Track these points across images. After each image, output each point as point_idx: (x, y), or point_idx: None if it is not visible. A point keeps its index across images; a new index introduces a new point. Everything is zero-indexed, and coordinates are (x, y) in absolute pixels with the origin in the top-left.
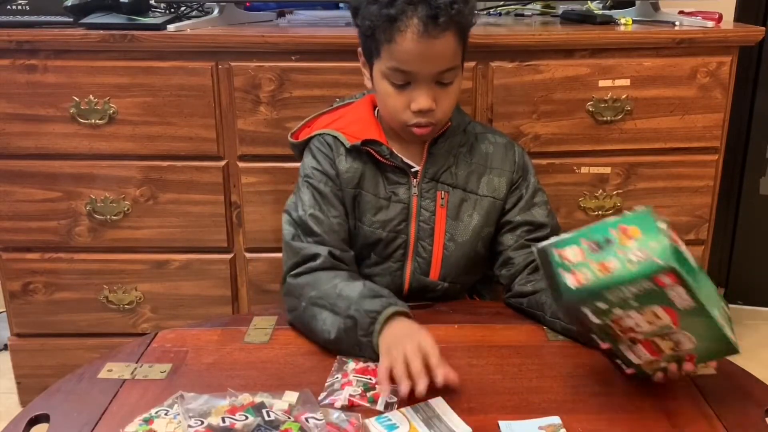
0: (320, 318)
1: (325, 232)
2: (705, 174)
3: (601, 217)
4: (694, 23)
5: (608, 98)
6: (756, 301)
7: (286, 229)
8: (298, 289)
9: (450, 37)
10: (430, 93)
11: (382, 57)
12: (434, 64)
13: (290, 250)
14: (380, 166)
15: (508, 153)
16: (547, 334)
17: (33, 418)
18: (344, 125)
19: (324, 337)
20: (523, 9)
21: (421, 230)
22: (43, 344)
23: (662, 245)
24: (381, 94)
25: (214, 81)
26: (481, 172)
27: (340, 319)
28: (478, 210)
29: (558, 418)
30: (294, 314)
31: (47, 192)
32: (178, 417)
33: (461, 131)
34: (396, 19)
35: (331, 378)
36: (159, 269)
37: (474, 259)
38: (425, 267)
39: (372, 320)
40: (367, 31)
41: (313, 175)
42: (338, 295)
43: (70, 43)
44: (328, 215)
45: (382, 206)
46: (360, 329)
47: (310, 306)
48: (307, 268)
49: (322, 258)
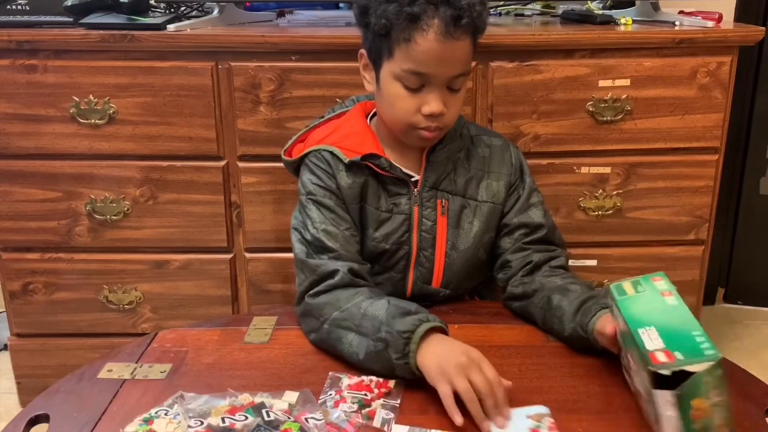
0: (346, 341)
1: (341, 246)
2: (705, 174)
3: (601, 217)
4: (694, 23)
5: (608, 98)
6: (756, 301)
7: (297, 248)
8: (317, 309)
9: (467, 41)
10: (442, 97)
11: (395, 58)
12: (451, 67)
13: (306, 268)
14: (380, 179)
15: (504, 155)
16: (547, 334)
17: (33, 418)
18: (340, 139)
19: (353, 359)
20: (523, 9)
21: (423, 240)
22: (43, 344)
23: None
24: (389, 96)
25: (214, 81)
26: (480, 177)
27: (369, 340)
28: (478, 216)
29: (546, 408)
30: (315, 336)
31: (47, 192)
32: (178, 417)
33: (458, 136)
34: (418, 18)
35: (323, 395)
36: (159, 269)
37: (476, 265)
38: (427, 276)
39: (406, 341)
40: (381, 30)
41: (316, 191)
42: (363, 315)
43: (70, 43)
44: (340, 228)
45: (384, 219)
46: (394, 351)
47: (335, 329)
48: (326, 286)
49: (341, 274)
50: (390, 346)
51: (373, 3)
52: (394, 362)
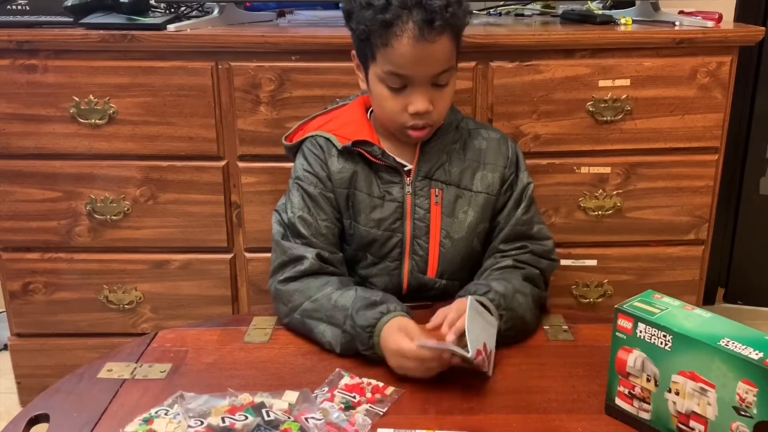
0: (318, 331)
1: (312, 234)
2: (705, 174)
3: (601, 217)
4: (694, 23)
5: (608, 98)
6: (756, 301)
7: (275, 228)
8: (287, 295)
9: (445, 40)
10: (427, 95)
11: (377, 61)
12: (430, 67)
13: (279, 248)
14: (373, 166)
15: (501, 147)
16: (547, 334)
17: (33, 418)
18: (336, 127)
19: (329, 348)
20: (523, 9)
21: (417, 228)
22: (43, 344)
23: None
24: (377, 97)
25: (214, 81)
26: (475, 168)
27: (339, 332)
28: (473, 206)
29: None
30: (286, 321)
31: (47, 192)
32: (178, 417)
33: (454, 128)
34: (391, 23)
35: (318, 390)
36: (159, 269)
37: (470, 255)
38: (422, 265)
39: (369, 335)
40: (361, 35)
41: (304, 177)
42: (334, 306)
43: (70, 43)
44: (316, 218)
45: (377, 205)
46: (360, 344)
47: (306, 319)
48: (295, 272)
49: (309, 261)
50: (356, 339)
51: (355, 8)
52: (362, 352)
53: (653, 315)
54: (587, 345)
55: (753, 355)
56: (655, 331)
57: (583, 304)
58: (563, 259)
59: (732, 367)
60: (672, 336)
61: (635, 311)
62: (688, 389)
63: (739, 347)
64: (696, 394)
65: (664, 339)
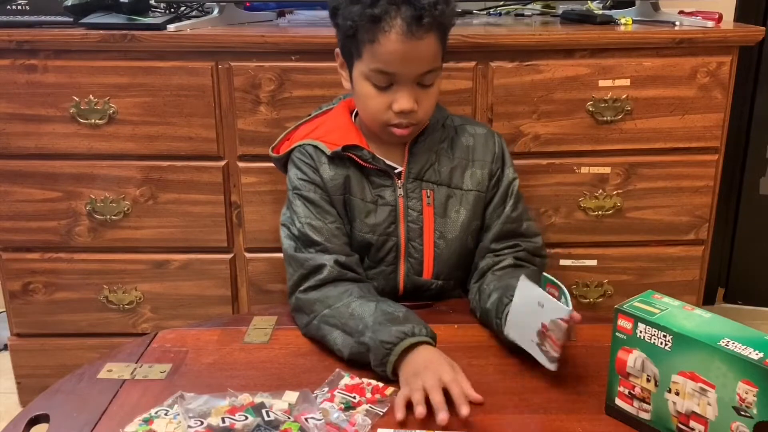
0: (331, 337)
1: (326, 239)
2: (705, 174)
3: (601, 217)
4: (694, 23)
5: (608, 98)
6: (756, 301)
7: (286, 243)
8: (308, 305)
9: (432, 39)
10: (412, 94)
11: (363, 58)
12: (417, 65)
13: (295, 262)
14: (364, 171)
15: (488, 143)
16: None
17: (33, 418)
18: (323, 134)
19: (339, 356)
20: (523, 9)
21: (411, 231)
22: (43, 344)
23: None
24: (361, 95)
25: (214, 81)
26: (464, 166)
27: (352, 341)
28: (464, 205)
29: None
30: (306, 331)
31: (47, 192)
32: (178, 417)
33: (440, 127)
34: (380, 19)
35: (318, 390)
36: (159, 269)
37: (465, 254)
38: (418, 267)
39: (387, 351)
40: (348, 32)
41: (301, 185)
42: (350, 314)
43: (70, 43)
44: (325, 222)
45: (370, 210)
46: (374, 358)
47: (322, 324)
48: (316, 281)
49: (329, 268)
50: (370, 352)
51: (342, 4)
52: (372, 366)
53: (653, 315)
54: (587, 345)
55: (753, 355)
56: (655, 332)
57: (583, 304)
58: (563, 259)
59: (732, 367)
60: (672, 336)
61: (635, 311)
62: (688, 389)
63: (739, 347)
64: (696, 394)
65: (664, 339)
